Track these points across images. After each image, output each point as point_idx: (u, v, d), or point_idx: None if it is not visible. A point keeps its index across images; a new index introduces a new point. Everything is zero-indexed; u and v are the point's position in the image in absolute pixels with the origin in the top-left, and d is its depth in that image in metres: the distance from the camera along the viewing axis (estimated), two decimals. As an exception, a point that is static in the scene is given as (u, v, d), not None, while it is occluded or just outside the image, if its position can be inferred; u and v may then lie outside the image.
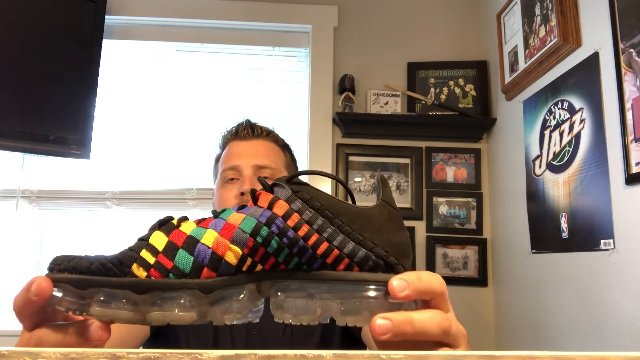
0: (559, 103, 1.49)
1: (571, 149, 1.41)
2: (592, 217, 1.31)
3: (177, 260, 0.35)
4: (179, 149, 2.00)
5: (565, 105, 1.46)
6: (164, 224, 0.38)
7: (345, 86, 1.95)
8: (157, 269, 0.35)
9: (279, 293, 0.38)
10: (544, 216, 1.54)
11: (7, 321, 1.76)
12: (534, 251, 1.60)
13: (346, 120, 1.94)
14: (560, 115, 1.48)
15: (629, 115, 1.18)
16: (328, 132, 1.98)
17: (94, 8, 1.89)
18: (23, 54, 1.78)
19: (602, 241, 1.27)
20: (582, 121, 1.37)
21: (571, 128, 1.42)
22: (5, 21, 1.77)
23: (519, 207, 1.70)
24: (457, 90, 2.03)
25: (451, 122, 2.00)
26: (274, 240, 0.37)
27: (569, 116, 1.44)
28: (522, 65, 1.66)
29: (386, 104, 1.99)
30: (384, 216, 0.40)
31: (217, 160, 1.09)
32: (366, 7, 2.11)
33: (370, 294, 0.37)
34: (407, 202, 1.96)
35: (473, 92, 2.03)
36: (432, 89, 2.04)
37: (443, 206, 1.96)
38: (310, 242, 0.37)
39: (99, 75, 1.87)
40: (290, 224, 0.37)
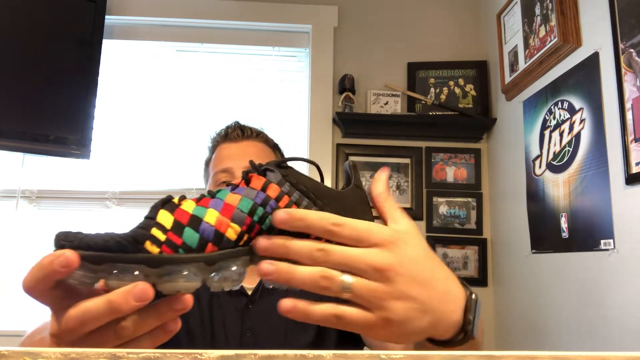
0: (559, 103, 1.49)
1: (571, 149, 1.41)
2: (592, 217, 1.31)
3: (184, 237, 0.40)
4: (179, 149, 2.00)
5: (565, 105, 1.46)
6: (166, 202, 0.43)
7: (345, 86, 1.95)
8: (168, 245, 0.39)
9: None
10: (544, 216, 1.54)
11: (7, 321, 1.76)
12: (534, 251, 1.60)
13: (346, 120, 1.94)
14: (560, 115, 1.48)
15: (629, 115, 1.18)
16: (328, 132, 1.98)
17: (94, 8, 1.89)
18: (23, 54, 1.78)
19: (602, 241, 1.27)
20: (582, 121, 1.37)
21: (571, 128, 1.42)
22: (5, 21, 1.77)
23: (519, 207, 1.70)
24: (457, 90, 2.03)
25: (451, 122, 2.00)
26: (268, 219, 0.42)
27: (569, 116, 1.44)
28: (522, 65, 1.66)
29: (386, 104, 1.99)
30: (355, 198, 0.46)
31: (207, 164, 1.09)
32: (366, 7, 2.11)
33: None
34: (407, 202, 1.96)
35: (473, 92, 2.03)
36: (432, 89, 2.04)
37: (443, 206, 1.97)
38: None
39: (99, 75, 1.87)
40: (281, 205, 0.42)
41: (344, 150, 1.97)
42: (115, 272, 0.38)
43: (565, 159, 1.44)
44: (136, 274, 0.38)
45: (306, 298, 0.41)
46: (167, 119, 2.03)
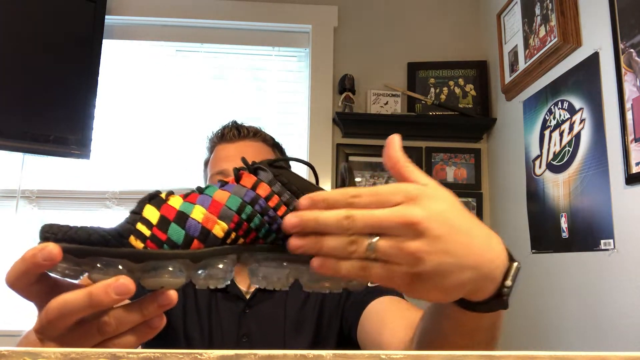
0: (559, 103, 1.49)
1: (571, 149, 1.41)
2: (592, 217, 1.31)
3: (170, 232, 0.39)
4: (179, 149, 2.00)
5: (565, 105, 1.46)
6: (153, 198, 0.42)
7: (345, 86, 1.95)
8: (153, 241, 0.39)
9: (256, 263, 0.43)
10: (544, 216, 1.54)
11: (7, 321, 1.76)
12: (534, 251, 1.60)
13: (346, 120, 1.94)
14: (560, 115, 1.48)
15: (629, 115, 1.18)
16: (328, 132, 1.98)
17: (94, 8, 1.89)
18: (23, 54, 1.78)
19: (602, 241, 1.27)
20: (582, 121, 1.37)
21: (571, 128, 1.42)
22: (5, 21, 1.77)
23: (519, 207, 1.70)
24: (457, 90, 2.03)
25: (451, 122, 2.00)
26: (257, 217, 0.41)
27: (569, 116, 1.44)
28: (522, 65, 1.66)
29: (386, 104, 1.99)
30: None
31: (205, 164, 1.08)
32: (366, 7, 2.11)
33: None
34: (407, 202, 1.96)
35: (473, 92, 2.03)
36: (432, 89, 2.04)
37: (443, 206, 1.96)
38: None
39: (99, 75, 1.87)
40: (271, 204, 0.42)
41: (344, 150, 1.97)
42: (99, 265, 0.38)
43: (565, 159, 1.44)
44: (120, 268, 0.38)
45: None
46: (167, 119, 2.03)
